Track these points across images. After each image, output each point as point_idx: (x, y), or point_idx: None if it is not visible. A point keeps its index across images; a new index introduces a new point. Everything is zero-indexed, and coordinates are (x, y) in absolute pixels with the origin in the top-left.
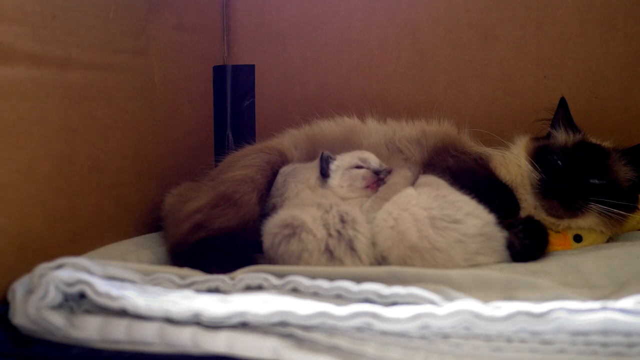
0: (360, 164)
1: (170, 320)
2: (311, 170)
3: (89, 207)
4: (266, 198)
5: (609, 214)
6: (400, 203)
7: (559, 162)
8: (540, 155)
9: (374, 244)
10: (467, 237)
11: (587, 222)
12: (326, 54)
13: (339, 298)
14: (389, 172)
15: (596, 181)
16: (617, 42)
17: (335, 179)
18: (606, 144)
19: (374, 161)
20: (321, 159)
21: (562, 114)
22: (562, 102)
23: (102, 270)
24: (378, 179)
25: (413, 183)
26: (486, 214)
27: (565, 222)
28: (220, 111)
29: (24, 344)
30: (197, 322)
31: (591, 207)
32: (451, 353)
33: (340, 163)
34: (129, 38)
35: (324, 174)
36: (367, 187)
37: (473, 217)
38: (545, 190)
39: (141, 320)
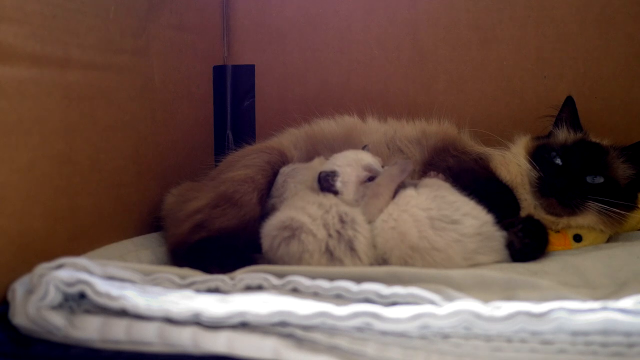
0: (369, 174)
1: (170, 320)
2: (310, 171)
3: (89, 207)
4: (266, 198)
5: (608, 212)
6: (401, 204)
7: (557, 160)
8: (539, 154)
9: (374, 245)
10: (465, 237)
11: (586, 220)
12: (326, 54)
13: (339, 298)
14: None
15: (594, 179)
16: (617, 42)
17: (349, 195)
18: (605, 142)
19: (375, 164)
20: (319, 180)
21: (567, 113)
22: (569, 101)
23: (102, 270)
24: None
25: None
26: (484, 214)
27: (564, 220)
28: (220, 111)
29: (24, 344)
30: (197, 322)
31: (589, 205)
32: (451, 353)
33: (347, 178)
34: (129, 38)
35: (329, 191)
36: None
37: (470, 217)
38: (543, 188)
39: (141, 320)
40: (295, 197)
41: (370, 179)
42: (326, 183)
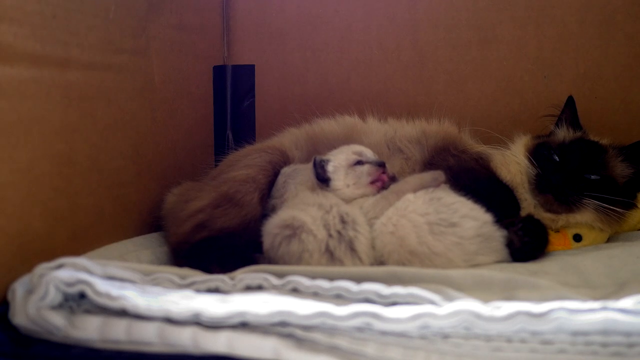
0: (360, 158)
1: (170, 320)
2: (311, 171)
3: (89, 207)
4: (267, 198)
5: (605, 209)
6: (399, 208)
7: (555, 157)
8: (539, 152)
9: (373, 247)
10: (464, 240)
11: (583, 217)
12: (326, 54)
13: (339, 298)
14: (393, 178)
15: (591, 176)
16: (617, 42)
17: (339, 180)
18: (604, 141)
19: (369, 152)
20: (315, 164)
21: (568, 113)
22: (569, 101)
23: (102, 270)
24: (382, 173)
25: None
26: (483, 214)
27: (562, 218)
28: (220, 111)
29: (24, 344)
30: (197, 322)
31: (586, 201)
32: (451, 353)
33: (338, 163)
34: (129, 38)
35: (323, 179)
36: (373, 182)
37: (469, 219)
38: (539, 184)
39: (141, 320)
40: (295, 199)
41: (359, 162)
42: (320, 169)
